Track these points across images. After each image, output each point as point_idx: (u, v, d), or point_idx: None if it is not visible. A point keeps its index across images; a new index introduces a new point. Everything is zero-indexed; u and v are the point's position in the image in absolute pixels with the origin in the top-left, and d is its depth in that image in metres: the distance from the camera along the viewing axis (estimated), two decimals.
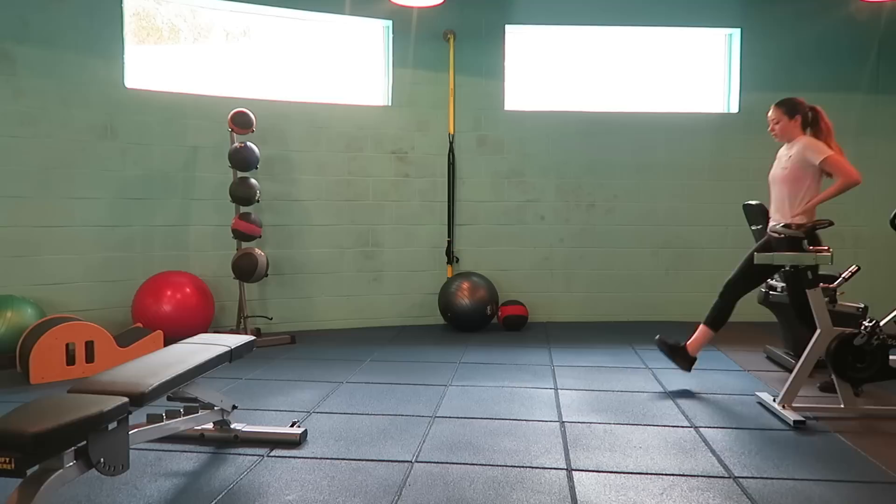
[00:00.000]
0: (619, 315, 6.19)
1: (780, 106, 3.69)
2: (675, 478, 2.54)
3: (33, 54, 4.64)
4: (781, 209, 3.66)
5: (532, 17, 6.09)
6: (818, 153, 3.49)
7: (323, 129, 5.72)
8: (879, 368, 3.22)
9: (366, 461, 2.68)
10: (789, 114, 3.66)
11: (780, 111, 3.68)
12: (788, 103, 3.69)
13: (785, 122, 3.67)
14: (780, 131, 3.69)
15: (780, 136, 3.71)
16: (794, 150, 3.61)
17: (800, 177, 3.56)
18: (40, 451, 1.70)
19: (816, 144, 3.53)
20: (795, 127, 3.66)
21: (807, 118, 3.66)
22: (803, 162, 3.54)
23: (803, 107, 3.68)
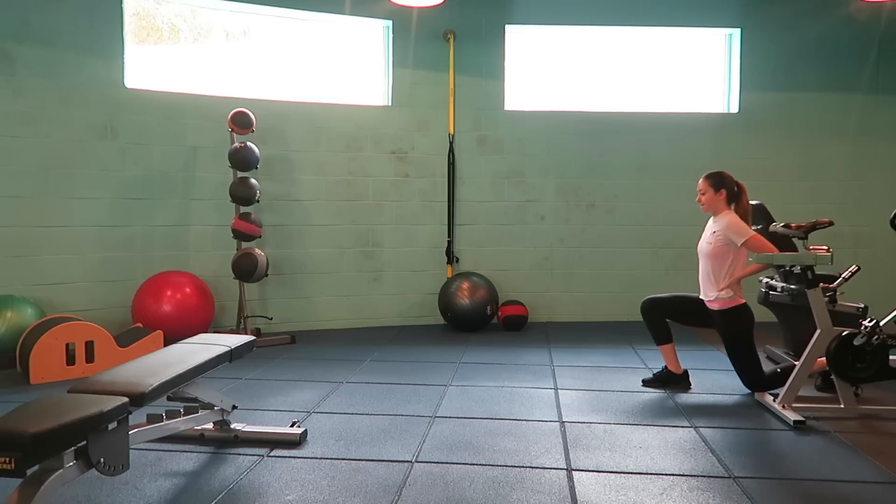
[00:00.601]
0: (619, 315, 6.19)
1: (707, 178, 3.79)
2: (675, 478, 2.54)
3: (33, 54, 4.64)
4: (707, 283, 3.75)
5: (532, 17, 6.09)
6: (740, 235, 3.58)
7: (323, 129, 5.72)
8: (879, 368, 3.22)
9: (366, 461, 2.68)
10: (715, 187, 3.75)
11: (707, 183, 3.78)
12: (716, 177, 3.77)
13: (711, 195, 3.76)
14: (706, 203, 3.79)
15: (705, 207, 3.82)
16: (718, 226, 3.71)
17: (723, 254, 3.66)
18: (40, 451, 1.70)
19: (739, 226, 3.62)
20: (721, 201, 3.75)
21: (732, 193, 3.76)
22: (727, 241, 3.63)
23: (730, 182, 3.76)
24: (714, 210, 3.77)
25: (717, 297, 3.67)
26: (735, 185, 3.76)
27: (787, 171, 6.15)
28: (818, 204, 6.04)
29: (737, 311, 3.64)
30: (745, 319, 3.64)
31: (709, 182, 3.76)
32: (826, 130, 6.15)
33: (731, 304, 3.64)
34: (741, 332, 3.63)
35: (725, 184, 3.74)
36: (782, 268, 3.79)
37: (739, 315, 3.64)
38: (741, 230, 3.58)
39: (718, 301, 3.67)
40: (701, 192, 3.79)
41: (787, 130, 6.15)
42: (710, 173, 3.80)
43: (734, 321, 3.64)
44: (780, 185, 6.10)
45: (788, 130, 6.15)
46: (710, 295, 3.73)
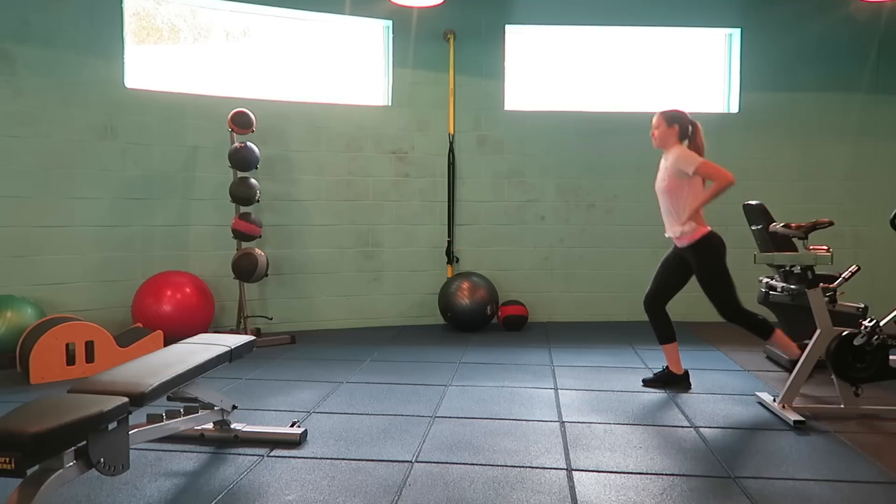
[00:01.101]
0: (619, 315, 6.19)
1: (662, 113, 3.77)
2: (675, 478, 2.54)
3: (33, 54, 4.64)
4: (670, 219, 3.77)
5: (532, 17, 6.09)
6: (690, 163, 3.58)
7: (323, 129, 5.72)
8: (879, 368, 3.21)
9: (366, 461, 2.68)
10: (668, 122, 3.74)
11: (661, 118, 3.76)
12: (670, 112, 3.76)
13: (664, 130, 3.75)
14: (658, 137, 3.78)
15: (657, 142, 3.80)
16: (669, 160, 3.70)
17: (678, 187, 3.66)
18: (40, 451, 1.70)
19: (687, 155, 3.61)
20: (672, 135, 3.73)
21: (685, 130, 3.74)
22: (679, 173, 3.63)
23: (684, 119, 3.75)
24: (665, 145, 3.76)
25: (682, 233, 3.67)
26: (690, 123, 3.75)
27: (787, 171, 6.15)
28: (818, 204, 6.04)
29: (704, 242, 3.64)
30: (713, 247, 3.64)
31: (663, 117, 3.76)
32: (826, 130, 6.15)
33: (697, 236, 3.64)
34: (711, 260, 3.63)
35: (679, 120, 3.73)
36: (782, 268, 3.79)
37: (707, 244, 3.64)
38: (690, 159, 3.58)
39: (685, 236, 3.68)
40: (654, 127, 3.79)
41: (787, 130, 6.15)
42: (665, 109, 3.79)
43: (703, 251, 3.64)
44: (780, 185, 6.10)
45: (788, 130, 6.15)
46: (675, 231, 3.74)
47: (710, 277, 3.63)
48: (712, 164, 3.56)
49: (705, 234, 3.63)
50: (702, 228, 3.64)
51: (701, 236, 3.63)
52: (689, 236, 3.66)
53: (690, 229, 3.63)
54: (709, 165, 3.55)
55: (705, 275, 3.65)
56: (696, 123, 3.75)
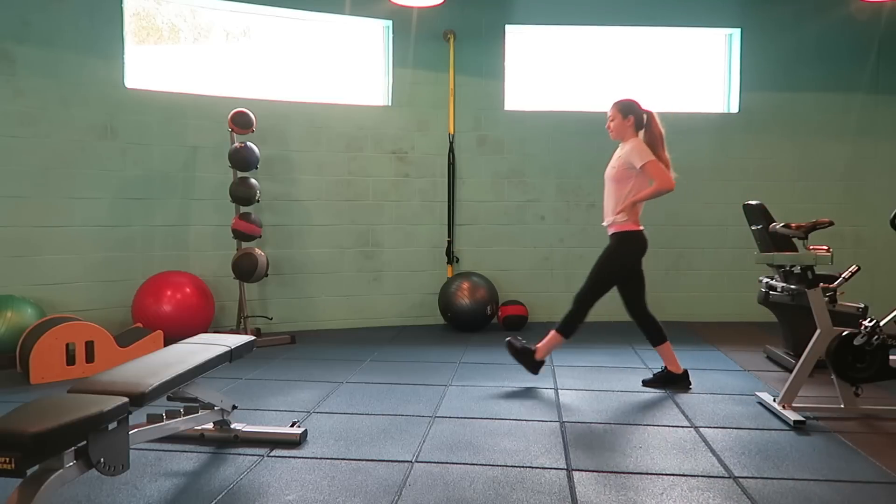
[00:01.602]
0: (619, 315, 6.13)
1: (616, 105, 3.81)
2: (675, 478, 2.54)
3: (33, 54, 4.64)
4: (608, 207, 3.80)
5: (532, 17, 6.09)
6: (640, 157, 3.61)
7: (323, 129, 5.72)
8: (879, 368, 3.21)
9: (366, 461, 2.68)
10: (623, 113, 3.77)
11: (615, 110, 3.80)
12: (624, 103, 3.80)
13: (619, 121, 3.78)
14: (614, 129, 3.81)
15: (613, 134, 3.83)
16: (623, 151, 3.73)
17: (624, 178, 3.70)
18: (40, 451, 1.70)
19: (641, 149, 3.65)
20: (628, 127, 3.76)
21: (640, 120, 3.78)
22: (628, 164, 3.67)
23: (638, 109, 3.78)
24: (622, 136, 3.80)
25: (613, 221, 3.72)
26: (644, 113, 3.78)
27: (787, 171, 6.15)
28: (818, 204, 6.04)
29: (627, 236, 3.70)
30: (631, 245, 3.71)
31: (617, 108, 3.80)
32: (826, 130, 6.15)
33: (623, 228, 3.70)
34: (621, 255, 3.73)
35: (633, 111, 3.77)
36: (782, 268, 3.79)
37: (628, 240, 3.71)
38: (642, 154, 3.62)
39: (614, 224, 3.73)
40: (610, 119, 3.82)
41: (787, 130, 6.15)
42: (619, 100, 3.83)
43: (621, 243, 3.72)
44: (780, 185, 6.10)
45: (788, 130, 6.15)
46: (608, 219, 3.78)
47: (604, 264, 3.75)
48: (660, 166, 3.61)
49: (632, 230, 3.71)
50: (632, 224, 3.70)
51: (627, 230, 3.70)
52: (617, 226, 3.72)
53: (621, 220, 3.69)
54: (656, 166, 3.60)
55: (604, 259, 3.75)
56: (651, 112, 3.79)
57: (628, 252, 3.74)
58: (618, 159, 3.76)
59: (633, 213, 3.69)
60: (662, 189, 3.60)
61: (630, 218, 3.69)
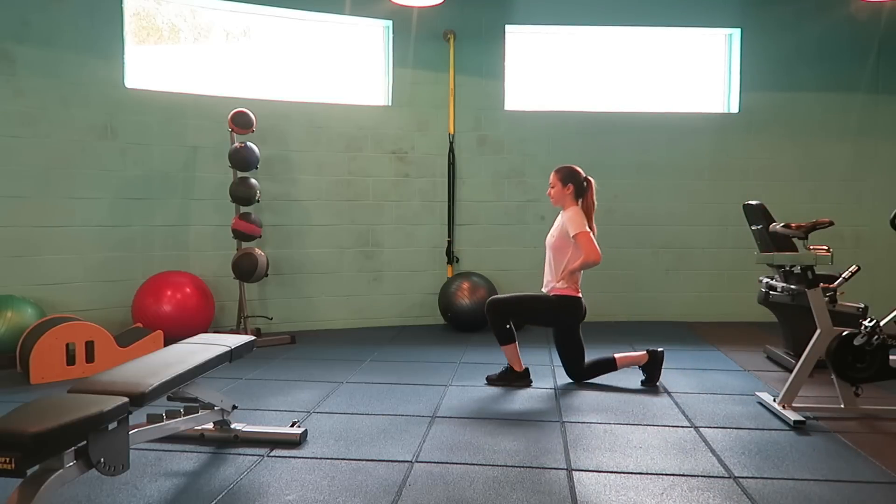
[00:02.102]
0: (619, 315, 6.19)
1: (557, 172, 3.90)
2: (675, 478, 2.54)
3: (33, 54, 4.64)
4: (548, 273, 3.92)
5: (532, 17, 6.09)
6: (574, 227, 3.72)
7: (323, 129, 5.72)
8: (879, 368, 3.22)
9: (366, 461, 2.68)
10: (563, 181, 3.86)
11: (556, 177, 3.89)
12: (565, 171, 3.88)
13: (559, 189, 3.87)
14: (554, 196, 3.90)
15: (553, 201, 3.93)
16: (562, 219, 3.83)
17: (562, 246, 3.81)
18: (40, 451, 1.70)
19: (576, 219, 3.74)
20: (568, 195, 3.85)
21: (580, 188, 3.86)
22: (564, 233, 3.77)
23: (578, 177, 3.86)
24: (562, 204, 3.88)
25: (553, 287, 3.81)
26: (584, 181, 3.85)
27: (787, 171, 6.15)
28: (818, 204, 6.04)
29: (564, 300, 3.79)
30: (570, 309, 3.80)
31: (558, 176, 3.87)
32: (826, 130, 6.15)
33: (562, 293, 3.79)
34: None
35: (574, 179, 3.84)
36: (782, 268, 3.79)
37: (566, 304, 3.79)
38: (576, 225, 3.71)
39: (554, 290, 3.82)
40: (551, 186, 3.90)
41: (788, 130, 6.15)
42: (560, 167, 3.91)
43: (557, 304, 3.79)
44: (780, 185, 6.10)
45: (788, 130, 6.15)
46: (548, 285, 3.87)
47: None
48: (590, 239, 3.70)
49: (571, 296, 3.81)
50: (571, 290, 3.81)
51: (566, 295, 3.80)
52: (556, 290, 3.82)
53: (561, 286, 3.80)
54: (585, 238, 3.69)
55: (538, 300, 3.87)
56: (589, 181, 3.88)
57: (563, 315, 3.83)
58: (558, 228, 3.86)
59: (571, 280, 3.79)
60: (589, 262, 3.70)
61: (570, 285, 3.79)
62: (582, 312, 3.86)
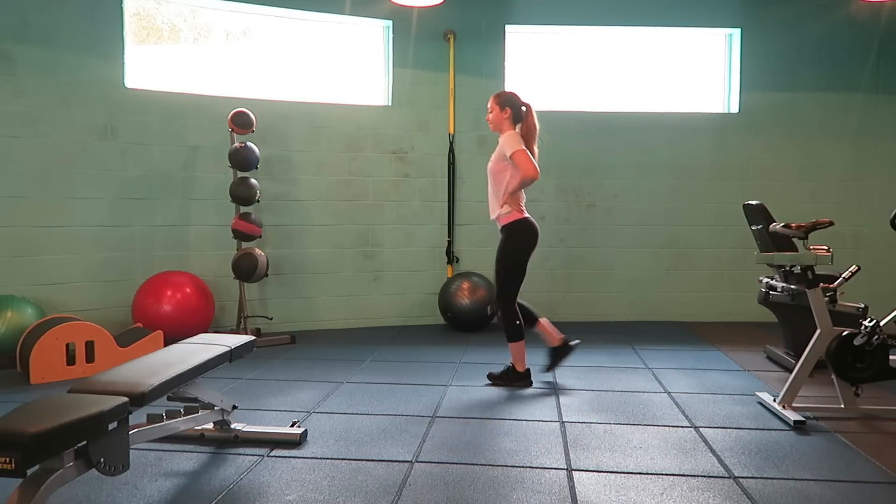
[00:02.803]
0: (619, 315, 6.19)
1: (496, 97, 3.86)
2: (675, 478, 2.54)
3: (33, 54, 4.64)
4: (492, 201, 3.85)
5: (532, 17, 6.09)
6: (509, 148, 3.68)
7: (323, 129, 5.72)
8: (879, 368, 3.22)
9: (366, 461, 2.68)
10: (500, 105, 3.83)
11: (494, 102, 3.86)
12: (502, 96, 3.86)
13: (497, 113, 3.84)
14: (492, 121, 3.87)
15: (492, 126, 3.89)
16: (499, 143, 3.79)
17: (500, 169, 3.77)
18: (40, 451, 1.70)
19: (512, 140, 3.70)
20: (505, 119, 3.82)
21: (518, 113, 3.83)
22: (501, 155, 3.74)
23: (516, 101, 3.83)
24: (500, 129, 3.85)
25: (499, 215, 3.79)
26: (522, 105, 3.84)
27: (787, 171, 6.15)
28: (818, 204, 6.04)
29: (514, 226, 3.77)
30: (519, 234, 3.77)
31: (496, 101, 3.85)
32: (826, 130, 6.15)
33: (509, 220, 3.76)
34: (512, 245, 3.78)
35: (511, 103, 3.82)
36: (782, 268, 3.79)
37: (516, 229, 3.77)
38: (512, 144, 3.68)
39: (500, 218, 3.79)
40: (489, 111, 3.88)
41: (788, 130, 6.15)
42: (497, 93, 3.89)
43: (510, 234, 3.78)
44: (780, 185, 6.10)
45: (788, 130, 6.15)
46: (494, 212, 3.83)
47: (503, 259, 3.80)
48: (525, 156, 3.64)
49: (518, 220, 3.76)
50: (517, 214, 3.76)
51: (512, 220, 3.76)
52: (503, 218, 3.78)
53: (506, 212, 3.75)
54: (521, 156, 3.64)
55: (500, 256, 3.81)
56: (528, 105, 3.85)
57: (517, 242, 3.79)
58: (495, 153, 3.82)
59: (514, 202, 3.74)
60: (526, 177, 3.64)
61: (513, 208, 3.74)
62: (535, 235, 3.79)
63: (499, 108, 3.83)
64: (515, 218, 3.76)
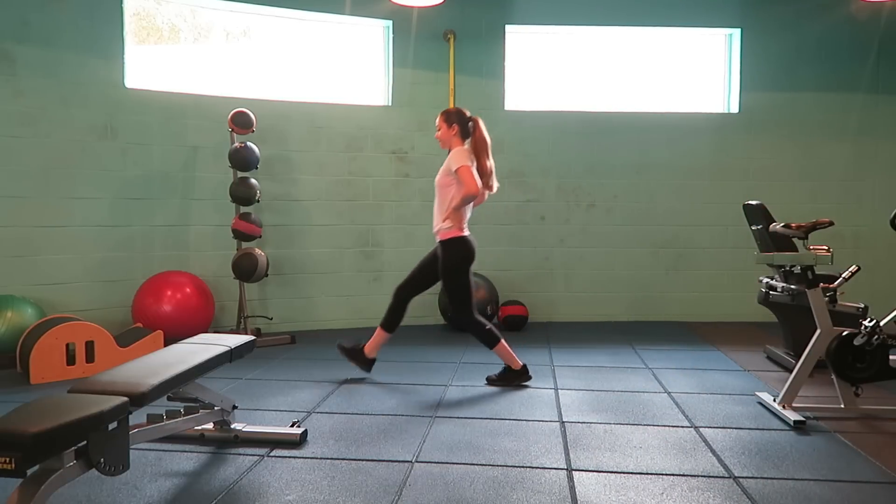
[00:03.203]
0: (619, 315, 6.19)
1: (443, 114, 3.88)
2: (675, 478, 2.54)
3: (33, 54, 4.64)
4: (435, 214, 3.87)
5: (532, 17, 6.09)
6: (455, 163, 3.69)
7: (323, 129, 5.72)
8: (879, 368, 3.22)
9: (366, 461, 2.68)
10: (448, 122, 3.84)
11: (441, 119, 3.87)
12: (449, 112, 3.88)
13: (444, 130, 3.86)
14: (441, 138, 3.89)
15: (441, 143, 3.90)
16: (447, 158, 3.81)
17: (446, 184, 3.78)
18: (40, 451, 1.70)
19: (459, 156, 3.72)
20: (453, 136, 3.84)
21: (465, 129, 3.84)
22: (448, 170, 3.75)
23: (463, 117, 3.85)
24: (449, 145, 3.86)
25: (440, 229, 3.79)
26: (469, 120, 3.84)
27: (787, 171, 6.15)
28: (818, 204, 6.04)
29: (452, 242, 3.77)
30: (459, 250, 3.78)
31: (443, 118, 3.87)
32: (826, 130, 6.15)
33: (449, 236, 3.77)
34: (452, 261, 3.78)
35: (458, 119, 3.83)
36: (782, 268, 3.79)
37: (454, 246, 3.77)
38: (458, 160, 3.69)
39: (440, 232, 3.80)
40: (437, 128, 3.89)
41: (788, 130, 6.15)
42: (444, 110, 3.91)
43: (447, 251, 3.78)
44: (780, 185, 6.10)
45: (789, 130, 6.15)
46: (436, 226, 3.84)
47: (448, 276, 3.81)
48: (469, 172, 3.65)
49: (455, 237, 3.77)
50: (456, 231, 3.77)
51: (450, 237, 3.77)
52: (443, 233, 3.79)
53: (447, 227, 3.76)
54: (464, 171, 3.65)
55: (445, 273, 3.81)
56: (475, 119, 3.86)
57: (456, 258, 3.79)
58: (443, 167, 3.83)
59: (456, 219, 3.74)
60: (467, 194, 3.64)
61: (455, 224, 3.74)
62: (472, 253, 3.80)
63: (446, 125, 3.84)
64: (453, 235, 3.77)
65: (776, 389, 3.66)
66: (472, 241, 3.83)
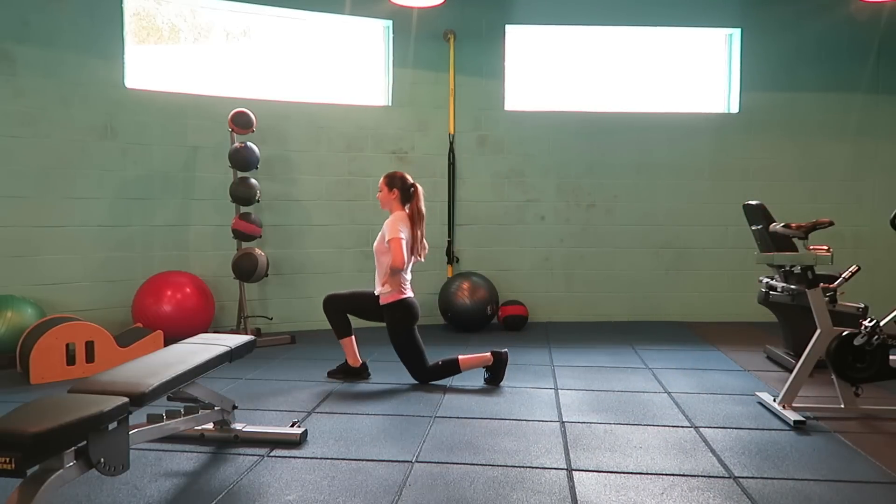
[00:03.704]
0: (619, 315, 6.19)
1: (385, 177, 3.95)
2: (675, 478, 2.54)
3: (33, 54, 4.64)
4: (376, 277, 3.94)
5: (532, 17, 6.09)
6: (389, 233, 3.78)
7: (323, 129, 5.72)
8: (879, 368, 3.22)
9: (366, 461, 2.68)
10: (389, 186, 3.92)
11: (383, 182, 3.94)
12: (390, 177, 3.94)
13: (385, 194, 3.94)
14: (382, 200, 3.98)
15: (382, 205, 3.98)
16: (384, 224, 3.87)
17: (383, 251, 3.86)
18: (40, 451, 1.70)
19: (392, 225, 3.79)
20: (394, 200, 3.92)
21: (406, 194, 3.91)
22: (384, 238, 3.83)
23: (404, 183, 3.91)
24: (389, 208, 3.94)
25: (381, 293, 3.86)
26: (410, 186, 3.91)
27: (787, 171, 6.15)
28: (818, 204, 6.04)
29: (393, 306, 3.85)
30: (401, 314, 3.85)
31: (385, 181, 3.94)
32: (826, 130, 6.15)
33: (390, 300, 3.84)
34: (397, 325, 3.85)
35: (397, 184, 3.90)
36: (782, 268, 3.79)
37: (396, 309, 3.85)
38: (392, 229, 3.77)
39: (381, 296, 3.86)
40: (379, 191, 3.96)
41: (788, 130, 6.15)
42: (387, 173, 3.97)
43: (390, 315, 3.86)
44: (780, 185, 6.10)
45: (789, 130, 6.15)
46: (377, 289, 3.91)
47: (397, 338, 3.88)
48: (399, 245, 3.73)
49: (398, 300, 3.85)
50: (398, 294, 3.84)
51: (393, 301, 3.85)
52: (384, 297, 3.87)
53: (387, 291, 3.84)
54: (394, 245, 3.74)
55: (392, 335, 3.90)
56: (416, 187, 3.92)
57: (401, 320, 3.86)
58: (380, 232, 3.89)
59: (394, 283, 3.82)
60: (393, 266, 3.73)
61: (393, 288, 3.83)
62: (414, 314, 3.87)
63: (387, 189, 3.91)
64: (394, 298, 3.85)
65: (776, 389, 3.66)
66: (413, 301, 3.91)
